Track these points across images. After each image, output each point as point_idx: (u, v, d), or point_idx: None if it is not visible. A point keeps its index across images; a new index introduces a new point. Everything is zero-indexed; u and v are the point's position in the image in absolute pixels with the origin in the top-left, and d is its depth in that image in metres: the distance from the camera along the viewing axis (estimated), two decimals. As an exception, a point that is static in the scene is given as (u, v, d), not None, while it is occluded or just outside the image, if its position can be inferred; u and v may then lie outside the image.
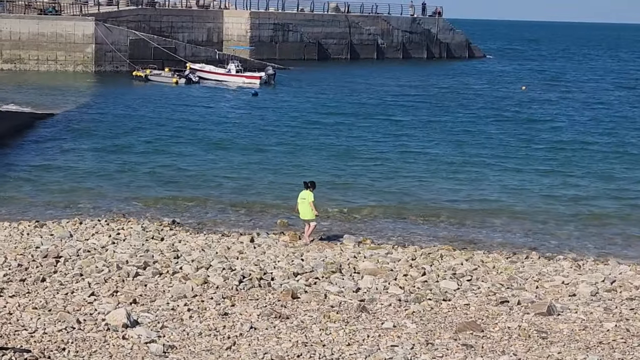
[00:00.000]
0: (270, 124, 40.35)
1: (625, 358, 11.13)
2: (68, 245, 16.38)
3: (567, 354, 11.14)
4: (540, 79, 78.70)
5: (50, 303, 12.31)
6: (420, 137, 37.05)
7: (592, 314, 13.24)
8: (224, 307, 12.74)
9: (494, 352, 11.11)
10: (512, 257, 17.92)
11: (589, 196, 26.22)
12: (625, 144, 39.88)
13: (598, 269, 16.72)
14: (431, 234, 20.81)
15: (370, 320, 12.45)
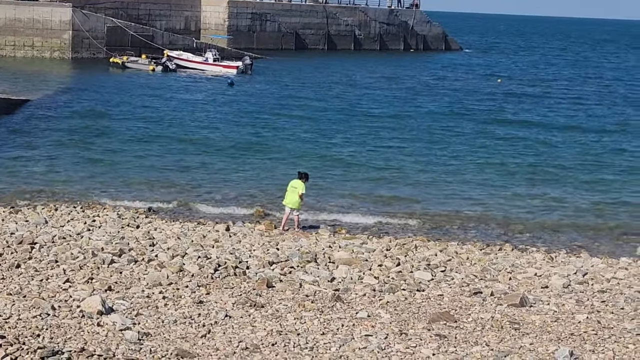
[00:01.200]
0: (245, 114, 40.35)
1: (596, 350, 11.34)
2: (43, 232, 16.42)
3: (539, 345, 11.34)
4: (517, 72, 79.05)
5: (25, 289, 12.39)
6: (394, 130, 37.19)
7: (564, 306, 13.48)
8: (199, 295, 12.87)
9: (467, 342, 11.28)
10: (486, 248, 18.16)
11: (561, 190, 26.42)
12: (597, 138, 39.98)
13: (570, 262, 16.95)
14: (406, 225, 21.00)
15: (344, 310, 12.61)
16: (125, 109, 38.76)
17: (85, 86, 46.30)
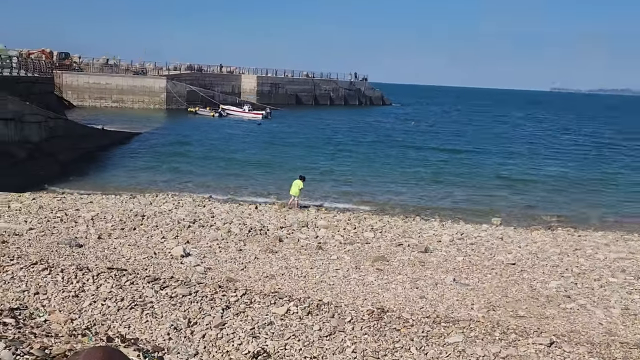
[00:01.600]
0: (267, 141, 41.07)
1: (469, 277, 11.90)
2: (149, 209, 16.91)
3: (435, 275, 11.87)
4: (426, 117, 79.61)
5: (138, 242, 13.05)
6: (351, 151, 37.61)
7: (450, 252, 14.00)
8: (240, 245, 13.42)
9: (394, 273, 11.92)
10: (405, 219, 18.39)
11: (450, 188, 26.74)
12: (470, 156, 40.56)
13: (454, 227, 17.29)
14: (359, 207, 21.27)
15: (323, 255, 13.22)
16: (196, 139, 39.54)
17: (173, 125, 47.63)
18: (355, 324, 8.32)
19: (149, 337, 7.49)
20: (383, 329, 8.19)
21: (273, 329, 8.01)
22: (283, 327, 8.09)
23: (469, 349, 7.70)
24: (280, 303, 8.92)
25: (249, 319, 8.29)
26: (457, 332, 8.19)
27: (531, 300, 10.39)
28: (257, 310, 8.59)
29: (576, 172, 33.01)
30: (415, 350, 7.62)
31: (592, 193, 26.71)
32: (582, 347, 7.93)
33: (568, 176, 31.42)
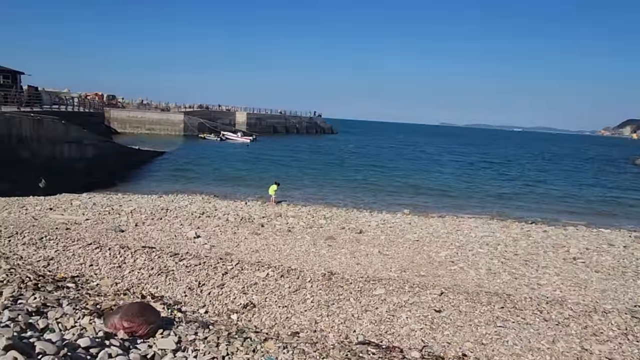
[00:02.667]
0: (254, 158, 40.37)
1: (389, 249, 11.95)
2: (171, 204, 16.34)
3: (367, 248, 11.95)
4: (360, 143, 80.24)
5: (164, 228, 12.60)
6: (310, 167, 37.27)
7: (376, 233, 13.98)
8: (234, 230, 13.12)
9: (339, 247, 11.90)
10: (347, 211, 18.40)
11: (384, 192, 26.93)
12: (402, 172, 40.86)
13: (378, 216, 17.28)
14: (316, 202, 21.17)
15: (293, 235, 13.08)
16: (204, 156, 38.37)
17: (188, 147, 46.22)
18: (313, 283, 8.32)
19: (171, 294, 7.32)
20: (332, 286, 8.21)
21: (257, 287, 7.94)
22: (264, 286, 8.03)
23: (388, 298, 7.80)
24: (262, 269, 8.85)
25: (240, 280, 8.19)
26: (381, 287, 8.29)
27: (429, 265, 10.59)
28: (246, 275, 8.50)
29: (457, 182, 33.82)
30: (353, 300, 7.68)
31: (469, 193, 27.43)
32: (461, 295, 8.14)
33: (451, 184, 32.17)
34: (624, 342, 6.60)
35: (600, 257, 11.86)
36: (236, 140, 59.17)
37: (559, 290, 9.02)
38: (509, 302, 7.88)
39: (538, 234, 14.69)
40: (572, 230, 16.09)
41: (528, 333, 6.73)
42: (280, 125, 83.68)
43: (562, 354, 6.17)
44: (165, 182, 24.48)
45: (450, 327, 6.82)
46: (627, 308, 8.03)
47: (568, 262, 11.30)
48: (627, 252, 12.58)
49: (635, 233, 16.27)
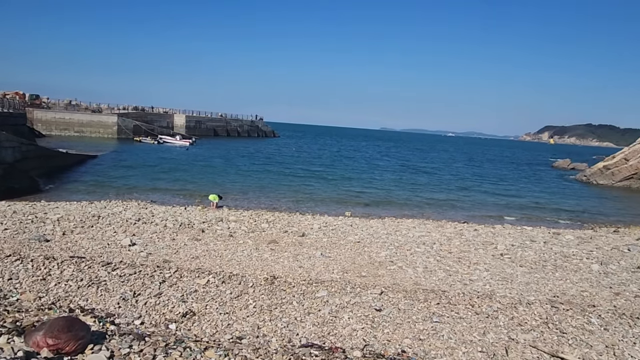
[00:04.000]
0: (193, 161, 39.09)
1: (331, 251, 11.96)
2: (103, 211, 15.35)
3: (309, 251, 11.91)
4: (301, 145, 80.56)
5: (95, 237, 11.76)
6: (249, 170, 36.91)
7: (319, 235, 14.05)
8: (173, 236, 12.56)
9: (282, 251, 11.81)
10: (289, 214, 18.35)
11: (314, 192, 27.12)
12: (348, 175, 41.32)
13: (321, 218, 17.40)
14: (258, 205, 20.90)
15: (234, 240, 12.73)
16: (140, 160, 36.47)
17: (122, 150, 43.40)
18: (255, 288, 8.19)
19: (103, 306, 6.88)
20: (274, 290, 8.14)
21: (197, 295, 7.68)
22: (204, 293, 7.78)
23: (330, 300, 7.87)
24: (202, 276, 8.58)
25: (179, 288, 7.88)
26: (323, 289, 8.34)
27: (370, 265, 10.83)
28: (185, 282, 8.19)
29: (394, 184, 34.93)
30: (296, 303, 7.66)
31: (406, 194, 28.42)
32: (399, 293, 8.40)
33: (390, 186, 33.17)
34: (545, 330, 7.15)
35: (524, 253, 12.78)
36: (174, 144, 57.05)
37: (489, 285, 9.60)
38: (444, 298, 8.25)
39: (470, 233, 15.55)
40: (500, 228, 17.22)
41: (461, 327, 7.09)
42: (221, 129, 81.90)
43: (492, 345, 6.56)
44: (97, 187, 22.99)
45: (390, 324, 7.02)
46: (547, 299, 8.71)
47: (496, 258, 12.07)
48: (547, 247, 13.68)
49: (554, 230, 17.74)
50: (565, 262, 11.95)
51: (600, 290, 9.59)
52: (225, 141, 71.03)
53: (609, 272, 11.11)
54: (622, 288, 9.78)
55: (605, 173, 41.02)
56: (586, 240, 15.29)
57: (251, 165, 39.12)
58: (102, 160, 33.89)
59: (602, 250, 13.66)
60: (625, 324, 7.47)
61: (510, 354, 6.31)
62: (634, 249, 13.96)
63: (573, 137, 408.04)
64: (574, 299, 8.79)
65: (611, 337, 6.96)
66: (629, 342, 6.81)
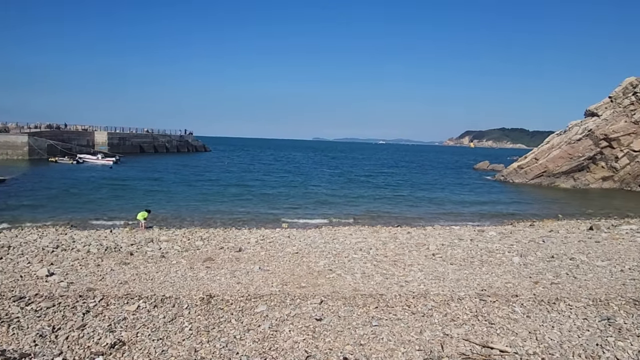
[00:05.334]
0: (116, 179, 36.84)
1: (269, 264, 11.76)
2: (14, 241, 14.03)
3: (247, 266, 11.64)
4: (233, 159, 79.23)
5: (5, 269, 10.66)
6: (174, 182, 35.61)
7: (256, 249, 13.80)
8: (98, 262, 11.64)
9: (218, 268, 11.42)
10: (225, 230, 17.91)
11: (248, 205, 26.75)
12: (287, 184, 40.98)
13: (258, 232, 17.19)
14: (192, 223, 20.17)
15: (166, 261, 12.09)
16: (56, 181, 33.68)
17: (35, 172, 39.83)
18: (190, 309, 7.84)
19: (15, 346, 6.19)
20: (211, 310, 7.85)
21: (127, 323, 7.19)
22: (135, 320, 7.30)
23: (270, 314, 7.73)
24: (132, 302, 8.05)
25: (106, 318, 7.32)
26: (262, 303, 8.18)
27: (309, 275, 10.80)
28: (113, 310, 7.63)
29: (330, 193, 35.42)
30: (235, 320, 7.43)
31: (342, 202, 28.94)
32: (339, 301, 8.47)
33: (324, 195, 33.59)
34: (475, 322, 7.58)
35: (453, 251, 13.50)
36: (96, 163, 53.52)
37: (423, 285, 10.00)
38: (382, 301, 8.45)
39: (403, 236, 16.15)
40: (431, 229, 18.08)
41: (399, 328, 7.30)
42: (148, 145, 78.29)
43: (429, 342, 6.81)
44: (6, 214, 20.85)
45: (331, 333, 7.04)
46: (476, 293, 9.25)
47: (429, 258, 12.62)
48: (473, 245, 14.57)
49: (479, 227, 18.98)
50: (490, 257, 12.80)
51: (521, 280, 10.37)
52: (153, 158, 67.95)
53: (528, 263, 12.07)
54: (540, 277, 10.67)
55: (519, 172, 44.81)
56: (507, 235, 16.52)
57: (182, 182, 37.62)
58: (11, 184, 30.87)
59: (521, 243, 14.83)
60: (544, 310, 8.13)
61: (446, 349, 6.59)
62: (547, 240, 15.32)
63: (490, 140, 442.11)
64: (499, 291, 9.42)
65: (533, 323, 7.54)
66: (548, 326, 7.42)
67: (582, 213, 25.69)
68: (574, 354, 6.40)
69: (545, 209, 27.50)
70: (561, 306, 8.28)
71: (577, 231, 17.93)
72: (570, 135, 41.90)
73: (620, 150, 39.76)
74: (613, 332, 7.08)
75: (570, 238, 15.87)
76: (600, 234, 16.88)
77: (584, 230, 18.36)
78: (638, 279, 10.37)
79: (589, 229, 18.57)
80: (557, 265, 11.70)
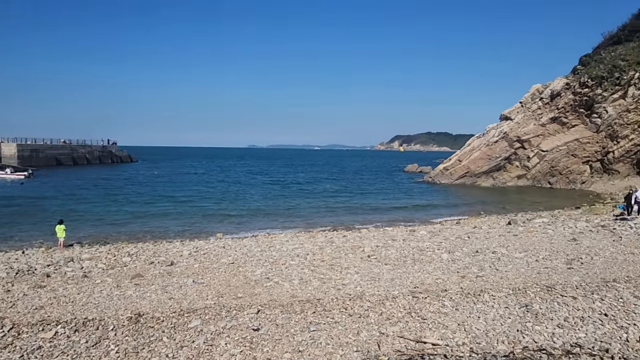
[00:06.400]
0: (27, 197, 33.64)
1: (204, 277, 11.43)
2: None
3: (180, 280, 11.17)
4: (163, 169, 75.78)
5: None
6: (102, 197, 33.38)
7: (189, 262, 13.23)
8: (7, 287, 10.50)
9: (149, 285, 10.75)
10: (155, 243, 17.01)
11: (187, 212, 25.67)
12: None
13: (191, 244, 16.49)
14: (118, 238, 18.93)
15: (89, 281, 11.19)
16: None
17: None
18: (117, 330, 7.32)
19: None
20: (140, 329, 7.39)
21: (42, 352, 6.54)
22: (52, 348, 6.67)
23: (205, 328, 7.44)
24: (48, 328, 7.35)
25: (17, 348, 6.61)
26: (197, 318, 7.86)
27: (246, 285, 10.55)
28: (25, 339, 6.91)
29: (264, 202, 35.07)
30: (167, 338, 7.06)
31: (277, 210, 28.71)
32: (277, 309, 8.37)
33: (259, 204, 33.20)
34: (409, 319, 7.85)
35: (387, 252, 13.93)
36: (4, 178, 48.62)
37: (359, 286, 10.19)
38: (319, 306, 8.48)
39: (339, 240, 16.38)
40: (365, 232, 18.53)
41: (337, 330, 7.36)
42: (66, 157, 72.55)
43: (366, 342, 6.94)
44: None
45: (269, 342, 6.92)
46: (409, 291, 9.61)
47: (364, 260, 12.90)
48: (406, 244, 15.14)
49: (410, 227, 19.78)
50: (422, 255, 13.37)
51: (450, 275, 10.94)
52: (72, 171, 63.05)
53: (455, 259, 12.78)
54: (466, 271, 11.33)
55: (445, 173, 47.53)
56: (436, 233, 17.38)
57: (104, 196, 35.08)
58: None
59: (449, 240, 15.67)
60: (470, 302, 8.63)
61: (382, 347, 6.75)
62: (472, 236, 16.35)
63: (418, 144, 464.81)
64: (430, 287, 9.85)
65: (461, 315, 7.97)
66: (475, 317, 7.88)
67: (501, 209, 27.80)
68: (497, 341, 6.85)
69: (469, 207, 29.38)
70: (485, 297, 8.85)
71: (498, 226, 19.33)
72: (488, 137, 45.27)
73: (531, 150, 43.65)
74: (531, 318, 7.69)
75: (491, 233, 17.06)
76: (518, 228, 18.35)
77: (503, 225, 19.83)
78: (550, 267, 11.39)
79: (507, 223, 20.11)
80: (481, 259, 12.51)
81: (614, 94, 40.05)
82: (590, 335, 6.84)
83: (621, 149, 40.29)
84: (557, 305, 8.15)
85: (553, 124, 42.69)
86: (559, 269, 11.14)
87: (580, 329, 7.08)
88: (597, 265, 11.32)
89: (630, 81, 39.49)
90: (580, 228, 17.32)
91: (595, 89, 40.57)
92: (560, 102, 42.18)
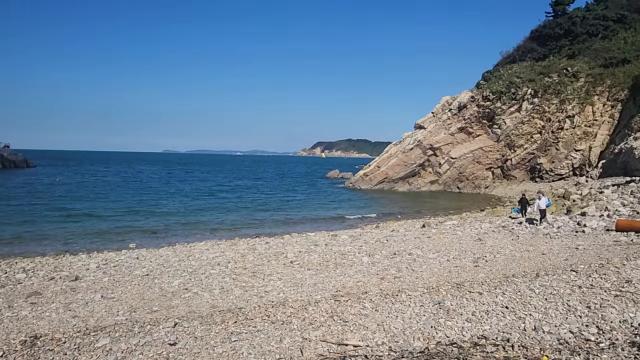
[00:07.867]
0: None
1: (114, 291, 10.52)
2: None
3: (86, 296, 10.25)
4: (66, 175, 69.40)
5: None
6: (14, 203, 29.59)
7: (97, 276, 12.36)
8: None
9: (48, 303, 9.69)
10: (56, 257, 15.46)
11: (93, 222, 23.66)
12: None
13: (99, 256, 15.31)
14: (10, 252, 16.85)
15: None
16: None
17: None
18: (8, 357, 6.49)
19: None
20: (37, 353, 6.62)
21: None
22: None
23: (114, 346, 6.89)
24: None
25: None
26: (105, 336, 7.25)
27: (162, 298, 10.02)
28: None
29: (177, 210, 33.62)
30: None
31: (195, 219, 27.62)
32: (195, 321, 8.02)
33: (172, 213, 31.74)
34: (331, 323, 7.96)
35: (310, 257, 14.06)
36: None
37: (282, 293, 10.14)
38: (241, 315, 8.28)
39: (262, 246, 16.19)
40: (288, 237, 18.54)
41: (260, 339, 7.23)
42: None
43: (288, 349, 6.90)
44: None
45: (187, 356, 6.59)
46: (331, 294, 9.76)
47: (287, 266, 12.89)
48: (328, 249, 15.41)
49: (332, 232, 20.18)
50: (343, 259, 13.69)
51: (370, 278, 11.33)
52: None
53: (375, 261, 13.27)
54: (385, 273, 11.81)
55: (365, 179, 49.35)
56: (357, 237, 17.93)
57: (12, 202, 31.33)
58: None
59: (369, 244, 16.24)
60: (389, 302, 8.99)
61: (305, 352, 6.76)
62: (390, 239, 17.12)
63: (339, 150, 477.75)
64: (352, 290, 10.11)
65: (380, 315, 8.27)
66: (393, 316, 8.22)
67: (416, 213, 29.48)
68: (414, 338, 7.20)
69: (387, 212, 30.75)
70: (403, 297, 9.28)
71: (414, 229, 20.47)
72: (404, 145, 47.91)
73: (442, 157, 47.00)
74: (443, 314, 8.20)
75: (408, 236, 18.00)
76: (431, 230, 19.58)
77: (418, 228, 21.04)
78: (460, 265, 12.29)
79: (422, 226, 21.37)
80: (399, 261, 13.13)
81: (511, 107, 44.74)
82: (494, 327, 7.47)
83: (517, 157, 45.03)
84: (466, 301, 8.80)
85: (461, 134, 46.42)
86: (467, 267, 12.06)
87: (485, 321, 7.70)
88: (499, 263, 12.45)
89: (524, 96, 44.40)
90: (484, 229, 18.95)
91: (495, 102, 44.98)
92: (466, 114, 46.04)
